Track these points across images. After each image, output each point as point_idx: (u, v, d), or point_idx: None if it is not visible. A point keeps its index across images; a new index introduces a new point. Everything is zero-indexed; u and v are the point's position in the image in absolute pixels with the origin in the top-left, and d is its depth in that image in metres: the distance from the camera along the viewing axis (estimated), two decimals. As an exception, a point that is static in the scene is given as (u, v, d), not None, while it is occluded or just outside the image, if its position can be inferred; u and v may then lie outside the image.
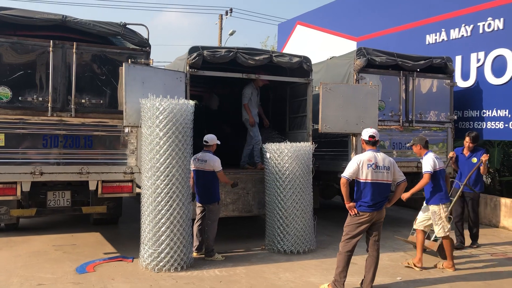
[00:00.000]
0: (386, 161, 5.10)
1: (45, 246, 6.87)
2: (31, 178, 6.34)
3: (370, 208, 5.01)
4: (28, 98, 6.36)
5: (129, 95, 6.21)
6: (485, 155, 6.90)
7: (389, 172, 5.08)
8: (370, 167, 5.01)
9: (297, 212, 6.73)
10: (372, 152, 5.11)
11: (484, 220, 9.31)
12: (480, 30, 9.75)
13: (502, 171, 11.27)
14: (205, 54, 6.97)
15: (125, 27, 6.88)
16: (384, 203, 5.14)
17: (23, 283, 5.23)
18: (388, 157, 5.20)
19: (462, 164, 7.33)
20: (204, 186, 6.43)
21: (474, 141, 7.21)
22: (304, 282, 5.49)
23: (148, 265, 5.80)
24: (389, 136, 8.68)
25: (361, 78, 8.30)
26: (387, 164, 5.08)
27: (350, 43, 13.58)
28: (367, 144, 5.20)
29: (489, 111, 9.56)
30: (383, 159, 5.09)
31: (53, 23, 6.58)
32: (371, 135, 5.16)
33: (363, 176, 5.03)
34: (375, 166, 5.02)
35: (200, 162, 6.43)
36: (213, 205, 6.46)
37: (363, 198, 5.04)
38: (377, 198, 5.03)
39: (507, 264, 6.45)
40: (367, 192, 5.01)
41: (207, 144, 6.51)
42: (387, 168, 5.07)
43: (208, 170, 6.37)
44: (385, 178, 5.06)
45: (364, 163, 5.02)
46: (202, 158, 6.43)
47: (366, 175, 5.02)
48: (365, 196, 5.03)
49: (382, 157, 5.12)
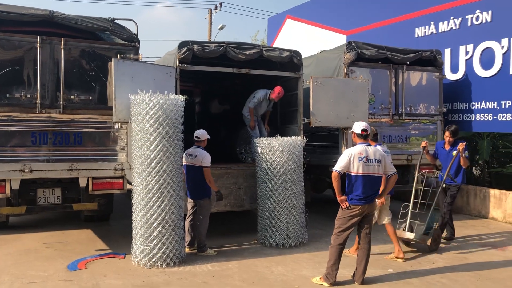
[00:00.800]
0: (377, 154, 5.15)
1: (36, 244, 6.83)
2: (21, 175, 6.28)
3: (361, 201, 5.07)
4: (16, 95, 6.29)
5: (119, 91, 6.16)
6: (461, 144, 6.82)
7: (380, 165, 5.13)
8: (361, 161, 5.05)
9: (289, 206, 6.74)
10: (363, 146, 5.15)
11: (474, 211, 9.41)
12: (469, 23, 9.81)
13: (491, 162, 11.39)
14: (195, 48, 6.93)
15: (114, 22, 6.82)
16: (375, 196, 5.22)
17: (14, 281, 5.19)
18: (379, 150, 5.27)
19: (443, 158, 7.26)
20: (194, 181, 6.42)
21: (454, 135, 7.13)
22: (296, 276, 5.52)
23: (140, 261, 5.79)
24: (380, 129, 8.67)
25: (351, 71, 8.32)
26: (378, 157, 5.13)
27: (340, 37, 13.60)
28: (358, 137, 5.23)
29: (478, 103, 9.64)
30: (374, 152, 5.14)
31: (40, 18, 6.50)
32: (363, 129, 5.20)
33: (354, 170, 5.07)
34: (366, 160, 5.07)
35: (191, 157, 6.42)
36: (204, 201, 6.46)
37: (354, 191, 5.10)
38: (368, 191, 5.09)
39: (496, 254, 6.54)
40: (359, 185, 5.06)
41: (198, 140, 6.50)
42: (378, 161, 5.11)
43: (198, 165, 6.36)
44: (376, 171, 5.12)
45: (355, 156, 5.07)
46: (193, 153, 6.42)
47: (357, 169, 5.06)
48: (356, 189, 5.08)
49: (373, 150, 5.17)
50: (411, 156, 8.88)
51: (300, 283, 5.25)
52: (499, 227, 8.37)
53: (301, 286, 5.18)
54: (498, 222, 8.82)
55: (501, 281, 5.41)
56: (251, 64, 7.67)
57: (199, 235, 6.47)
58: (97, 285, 5.13)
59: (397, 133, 8.90)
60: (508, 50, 9.00)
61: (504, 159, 11.40)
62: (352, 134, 5.37)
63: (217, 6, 26.63)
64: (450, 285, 5.24)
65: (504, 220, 8.80)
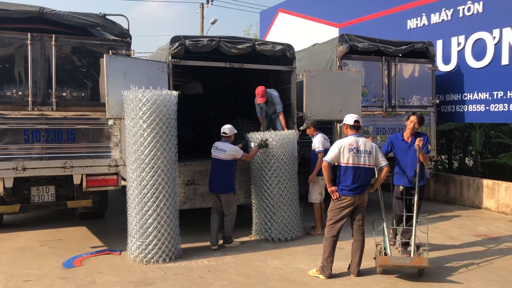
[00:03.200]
0: (368, 145, 5.19)
1: (30, 242, 6.80)
2: (14, 174, 6.25)
3: (351, 192, 5.12)
4: (7, 93, 6.24)
5: (111, 87, 6.13)
6: (419, 139, 5.63)
7: (370, 156, 5.17)
8: (351, 151, 5.11)
9: (283, 200, 6.76)
10: (354, 137, 5.21)
11: (467, 202, 9.48)
12: (460, 14, 9.83)
13: (484, 153, 11.48)
14: (187, 43, 6.90)
15: (105, 18, 6.77)
16: (366, 187, 5.25)
17: (9, 280, 5.18)
18: (370, 142, 5.30)
19: (402, 153, 5.90)
20: (221, 175, 6.38)
21: (421, 122, 5.89)
22: (292, 269, 5.54)
23: (136, 257, 5.79)
24: (373, 122, 8.75)
25: (344, 64, 8.33)
26: (369, 149, 5.17)
27: (332, 30, 13.59)
28: (351, 129, 5.28)
29: (470, 94, 9.69)
30: (364, 143, 5.19)
31: (30, 15, 6.44)
32: (356, 120, 5.26)
33: (344, 160, 5.12)
34: (356, 151, 5.12)
35: (218, 151, 6.40)
36: (229, 195, 6.43)
37: (344, 182, 5.14)
38: (358, 182, 5.12)
39: (490, 244, 6.59)
40: (348, 176, 5.12)
41: (225, 135, 6.46)
42: (368, 153, 5.16)
43: (227, 159, 6.33)
44: (367, 163, 5.15)
45: (345, 147, 5.13)
46: (221, 147, 6.39)
47: (348, 159, 5.11)
48: (346, 180, 5.13)
49: (364, 141, 5.21)
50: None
51: (296, 276, 5.27)
52: (493, 217, 8.45)
53: (297, 279, 5.20)
54: (492, 212, 8.90)
55: (495, 270, 5.46)
56: (244, 59, 7.64)
57: (227, 228, 6.48)
58: (93, 282, 5.13)
59: (391, 125, 8.93)
60: (500, 40, 9.03)
61: (496, 150, 11.50)
62: (344, 126, 5.42)
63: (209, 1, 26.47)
64: (444, 274, 5.28)
65: (497, 210, 8.88)
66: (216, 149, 6.45)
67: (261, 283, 5.08)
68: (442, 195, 10.08)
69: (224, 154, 6.35)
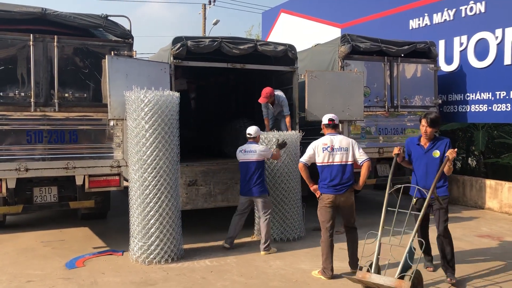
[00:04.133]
0: (344, 142, 5.23)
1: (33, 243, 6.82)
2: (16, 174, 6.27)
3: (329, 189, 5.16)
4: (10, 94, 6.26)
5: (113, 88, 6.14)
6: (452, 151, 4.81)
7: (347, 153, 5.19)
8: (325, 150, 5.19)
9: (286, 200, 6.76)
10: (329, 136, 5.29)
11: (470, 202, 9.46)
12: (463, 14, 9.81)
13: (487, 153, 11.45)
14: (189, 44, 6.90)
15: (107, 19, 6.78)
16: (348, 186, 5.18)
17: (12, 280, 5.19)
18: (348, 139, 5.32)
19: (418, 159, 5.18)
20: (256, 177, 6.24)
21: (432, 125, 5.04)
22: (294, 269, 5.53)
23: (138, 258, 5.79)
24: (375, 122, 8.74)
25: (346, 64, 8.32)
26: (345, 146, 5.21)
27: (334, 30, 13.58)
28: (326, 127, 5.37)
29: (473, 94, 9.67)
30: (340, 141, 5.23)
31: (32, 16, 6.46)
32: (330, 119, 5.35)
33: (320, 160, 5.22)
34: (330, 149, 5.19)
35: (248, 153, 6.30)
36: (266, 197, 6.35)
37: (322, 180, 5.23)
38: (336, 179, 5.15)
39: (493, 245, 6.57)
40: (326, 175, 5.19)
41: (251, 136, 6.39)
42: (345, 150, 5.19)
43: (258, 160, 6.26)
44: (343, 160, 5.18)
45: (319, 147, 5.24)
46: (251, 149, 6.30)
47: (323, 158, 5.20)
48: (324, 179, 5.21)
49: (340, 139, 5.25)
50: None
51: (299, 277, 5.26)
52: (495, 217, 8.42)
53: (300, 279, 5.20)
54: (494, 212, 8.87)
55: (499, 271, 5.44)
56: (246, 59, 7.65)
57: (266, 233, 6.22)
58: (96, 282, 5.13)
59: (393, 125, 8.91)
60: (502, 40, 9.01)
61: (499, 150, 11.46)
62: (322, 127, 5.47)
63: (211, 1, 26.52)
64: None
65: (500, 210, 8.86)
66: (244, 152, 6.33)
67: (263, 284, 5.07)
68: (444, 196, 10.04)
69: (255, 155, 6.26)
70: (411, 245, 4.49)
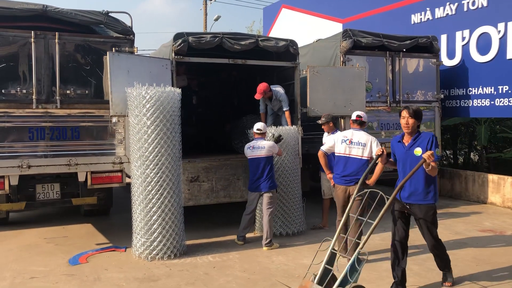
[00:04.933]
0: (363, 138, 5.48)
1: (36, 239, 6.84)
2: (19, 171, 6.28)
3: (341, 179, 5.49)
4: (11, 91, 6.26)
5: (115, 84, 6.13)
6: (429, 154, 4.05)
7: (364, 148, 5.43)
8: (344, 142, 5.53)
9: (285, 195, 6.78)
10: (351, 130, 5.62)
11: (472, 197, 9.45)
12: (465, 8, 9.77)
13: (489, 148, 11.42)
14: (190, 40, 6.89)
15: (108, 16, 6.77)
16: (357, 179, 5.14)
17: (16, 277, 5.21)
18: (368, 135, 5.52)
19: (401, 159, 4.55)
20: (266, 172, 6.28)
21: (415, 116, 4.44)
22: (297, 264, 5.55)
23: (141, 254, 5.80)
24: (377, 117, 8.72)
25: (348, 60, 8.30)
26: (363, 141, 5.46)
27: (336, 25, 13.54)
28: (353, 123, 5.67)
29: (475, 89, 9.64)
30: (360, 136, 5.50)
31: (33, 13, 6.45)
32: (358, 115, 5.66)
33: (337, 150, 5.59)
34: (349, 142, 5.51)
35: (257, 149, 6.33)
36: (274, 192, 6.38)
37: (336, 170, 5.62)
38: (348, 171, 5.45)
39: (496, 239, 6.57)
40: (340, 165, 5.54)
41: (260, 132, 6.42)
42: (362, 145, 5.44)
43: (267, 156, 6.29)
44: (359, 154, 5.43)
45: (339, 138, 5.60)
46: (259, 145, 6.33)
47: (340, 149, 5.55)
48: (337, 169, 5.58)
49: (360, 134, 5.52)
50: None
51: (301, 272, 5.27)
52: (498, 212, 8.42)
53: (302, 274, 5.20)
54: (497, 207, 8.87)
55: (501, 265, 5.44)
56: (247, 55, 7.63)
57: (269, 229, 6.26)
58: (99, 278, 5.15)
59: (395, 120, 8.90)
60: (505, 34, 8.97)
61: (502, 144, 11.44)
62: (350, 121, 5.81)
63: (212, -3, 26.41)
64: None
65: (502, 205, 8.85)
66: (253, 148, 6.37)
67: (266, 279, 5.08)
68: (447, 190, 10.05)
69: (264, 151, 6.29)
70: (355, 258, 3.87)
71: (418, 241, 5.63)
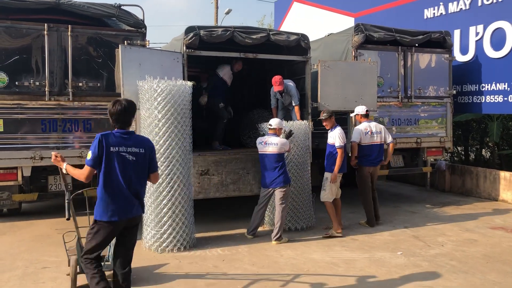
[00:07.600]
0: (378, 127, 7.10)
1: (48, 230, 6.92)
2: (32, 163, 6.36)
3: (370, 162, 7.01)
4: (25, 83, 6.34)
5: (126, 77, 6.16)
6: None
7: (381, 134, 7.06)
8: (367, 134, 6.97)
9: (294, 191, 6.78)
10: (366, 123, 7.06)
11: (484, 194, 9.37)
12: (479, 3, 9.64)
13: (501, 144, 11.31)
14: (201, 34, 6.89)
15: (120, 9, 6.81)
16: (380, 160, 7.11)
17: (28, 266, 5.29)
18: (378, 124, 7.20)
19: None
20: (279, 168, 6.26)
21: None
22: (306, 259, 5.55)
23: (151, 246, 5.85)
24: (388, 113, 8.67)
25: (360, 54, 8.25)
26: (379, 130, 7.07)
27: (348, 19, 13.45)
28: (363, 117, 7.11)
29: (488, 85, 9.53)
30: (375, 126, 7.09)
31: (46, 5, 6.51)
32: (368, 110, 7.13)
33: (365, 141, 6.94)
34: (370, 133, 6.99)
35: (269, 145, 6.29)
36: (287, 187, 6.36)
37: (365, 156, 7.00)
38: (374, 155, 7.01)
39: (507, 237, 6.52)
40: (368, 152, 6.97)
41: (271, 128, 6.37)
42: (379, 132, 7.06)
43: (279, 153, 6.26)
44: (378, 140, 7.05)
45: (363, 131, 6.96)
46: (272, 141, 6.29)
47: (365, 140, 6.94)
48: (367, 155, 6.99)
49: (374, 124, 7.12)
50: (420, 139, 8.88)
51: (310, 266, 5.28)
52: (509, 209, 8.34)
53: (311, 269, 5.21)
54: (508, 204, 8.79)
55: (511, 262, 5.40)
56: (258, 49, 7.61)
57: (280, 223, 6.27)
58: (110, 269, 5.20)
59: (406, 116, 8.85)
60: (520, 30, 8.85)
61: (514, 141, 11.31)
62: (357, 116, 7.18)
63: (223, -10, 26.34)
64: (460, 267, 5.25)
65: (514, 202, 8.77)
66: (266, 144, 6.33)
67: (274, 273, 5.10)
68: (458, 187, 9.98)
69: (276, 148, 6.25)
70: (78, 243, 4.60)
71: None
